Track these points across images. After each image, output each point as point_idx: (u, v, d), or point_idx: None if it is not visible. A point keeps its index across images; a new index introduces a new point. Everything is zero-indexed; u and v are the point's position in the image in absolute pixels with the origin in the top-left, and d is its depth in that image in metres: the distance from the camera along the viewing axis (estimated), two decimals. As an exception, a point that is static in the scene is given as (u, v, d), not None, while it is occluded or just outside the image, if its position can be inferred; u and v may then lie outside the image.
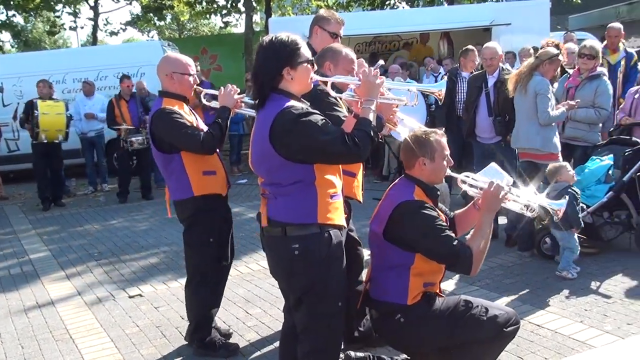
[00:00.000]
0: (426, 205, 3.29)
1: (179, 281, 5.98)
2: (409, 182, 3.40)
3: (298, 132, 2.93)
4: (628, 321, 4.47)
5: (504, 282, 5.42)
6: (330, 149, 2.94)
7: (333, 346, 3.22)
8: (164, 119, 4.03)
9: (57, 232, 8.56)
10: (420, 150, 3.35)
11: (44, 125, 9.72)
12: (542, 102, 5.64)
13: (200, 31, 41.17)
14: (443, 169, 3.40)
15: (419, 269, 3.28)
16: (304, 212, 3.04)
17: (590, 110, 6.13)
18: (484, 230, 3.31)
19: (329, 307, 3.13)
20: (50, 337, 4.86)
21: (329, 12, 4.38)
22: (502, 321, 3.28)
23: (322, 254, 3.04)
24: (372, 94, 3.13)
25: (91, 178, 11.66)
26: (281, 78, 3.05)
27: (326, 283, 3.08)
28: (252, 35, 17.60)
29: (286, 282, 3.22)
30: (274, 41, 3.06)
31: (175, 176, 4.11)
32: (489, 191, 3.35)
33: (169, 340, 4.65)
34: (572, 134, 6.25)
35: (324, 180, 3.06)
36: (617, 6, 23.23)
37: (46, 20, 28.77)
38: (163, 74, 4.19)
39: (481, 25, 12.33)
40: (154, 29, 33.72)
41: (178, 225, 4.51)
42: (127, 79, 10.66)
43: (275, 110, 2.98)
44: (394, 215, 3.28)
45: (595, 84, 6.16)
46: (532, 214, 3.57)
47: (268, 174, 3.10)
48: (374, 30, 13.19)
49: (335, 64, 3.76)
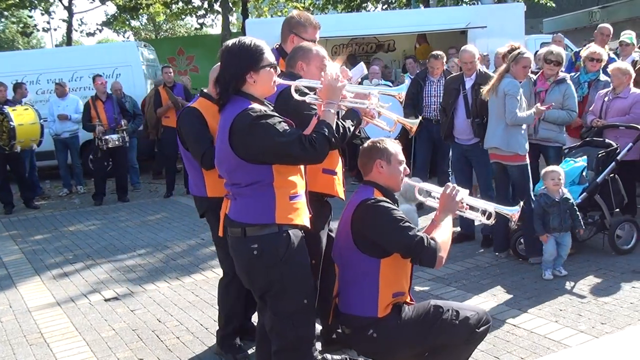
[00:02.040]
0: (385, 200, 3.31)
1: (155, 284, 5.94)
2: (367, 187, 3.41)
3: (255, 134, 2.97)
4: (602, 320, 4.53)
5: (480, 283, 5.47)
6: (286, 150, 2.99)
7: (300, 344, 3.22)
8: (188, 119, 4.09)
9: (30, 234, 8.43)
10: (377, 153, 3.39)
11: (20, 136, 9.55)
12: (510, 103, 5.71)
13: (177, 32, 40.94)
14: (400, 173, 3.42)
15: (386, 277, 3.26)
16: (261, 212, 3.08)
17: (562, 112, 6.22)
18: (443, 227, 3.32)
19: (291, 305, 3.15)
20: (24, 341, 4.79)
21: (305, 16, 4.15)
22: (474, 322, 3.30)
23: (280, 254, 3.08)
24: (333, 97, 3.19)
25: (65, 180, 11.52)
26: (244, 81, 3.10)
27: (286, 282, 3.11)
28: (229, 36, 17.53)
29: (248, 281, 3.26)
30: (238, 45, 3.11)
31: (193, 173, 4.18)
32: (445, 194, 3.45)
33: (146, 344, 4.61)
34: (545, 135, 6.32)
35: (283, 181, 3.10)
36: (590, 10, 23.58)
37: (18, 21, 28.34)
38: (211, 79, 4.20)
39: (457, 28, 12.43)
40: (129, 29, 33.39)
41: (154, 228, 4.49)
42: (99, 77, 10.54)
43: (235, 112, 3.03)
44: (355, 214, 3.28)
45: (563, 88, 6.29)
46: (490, 221, 3.61)
47: (228, 175, 3.16)
48: (350, 32, 13.22)
49: (308, 63, 3.75)
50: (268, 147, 2.98)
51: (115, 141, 10.08)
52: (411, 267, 3.44)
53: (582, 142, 6.47)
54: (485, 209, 3.58)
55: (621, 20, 20.48)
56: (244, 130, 2.99)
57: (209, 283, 5.80)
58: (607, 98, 6.63)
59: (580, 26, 23.12)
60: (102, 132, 10.02)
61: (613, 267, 5.67)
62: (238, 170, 3.07)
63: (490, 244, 6.37)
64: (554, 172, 5.55)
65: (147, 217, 9.08)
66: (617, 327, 4.42)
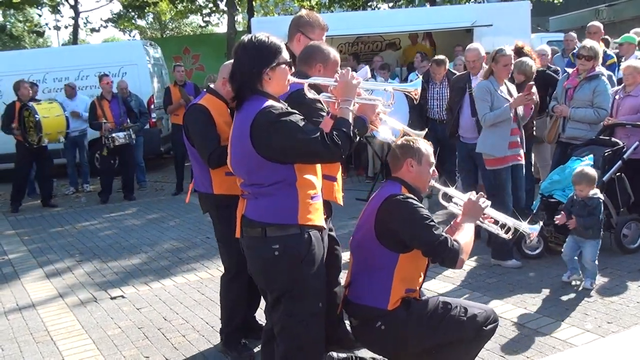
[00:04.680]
0: (413, 197, 3.32)
1: (161, 282, 5.95)
2: (395, 183, 3.43)
3: (278, 132, 2.94)
4: (608, 320, 4.52)
5: (486, 282, 5.46)
6: (310, 148, 2.95)
7: (311, 347, 3.20)
8: (195, 116, 4.09)
9: (37, 232, 8.47)
10: (409, 152, 3.41)
11: (47, 129, 9.60)
12: (479, 107, 5.73)
13: (183, 31, 40.97)
14: (428, 175, 3.45)
15: (402, 272, 3.28)
16: (285, 212, 3.04)
17: (589, 110, 6.18)
18: (466, 230, 3.35)
19: (309, 307, 3.13)
20: (30, 339, 4.81)
21: (313, 17, 4.14)
22: (482, 320, 3.31)
23: (302, 255, 3.05)
24: (349, 95, 3.15)
25: (72, 178, 11.56)
26: (260, 79, 3.06)
27: (306, 284, 3.09)
28: (234, 35, 17.56)
29: (265, 282, 3.23)
30: (255, 42, 3.07)
31: (200, 170, 4.17)
32: (470, 200, 3.47)
33: (152, 342, 4.62)
34: (572, 134, 6.30)
35: (305, 181, 3.07)
36: (597, 8, 23.49)
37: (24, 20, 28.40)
38: (221, 76, 4.21)
39: (463, 26, 12.39)
40: (135, 28, 33.43)
41: (160, 226, 4.49)
42: (106, 76, 10.60)
43: (255, 110, 2.99)
44: (382, 207, 3.29)
45: (593, 84, 6.20)
46: (507, 236, 3.62)
47: (248, 175, 3.10)
48: (356, 30, 13.20)
49: (325, 66, 3.74)
50: (292, 145, 2.95)
51: (122, 139, 10.09)
52: (426, 266, 3.46)
53: (588, 141, 6.44)
54: (505, 222, 3.61)
55: (628, 18, 20.42)
56: (266, 129, 2.94)
57: (214, 281, 5.80)
58: (618, 96, 6.59)
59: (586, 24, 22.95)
60: (109, 130, 10.04)
61: (619, 266, 5.65)
62: (261, 169, 3.02)
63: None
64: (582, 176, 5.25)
65: (153, 216, 9.10)
66: (624, 327, 4.40)
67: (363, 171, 11.11)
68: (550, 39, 13.14)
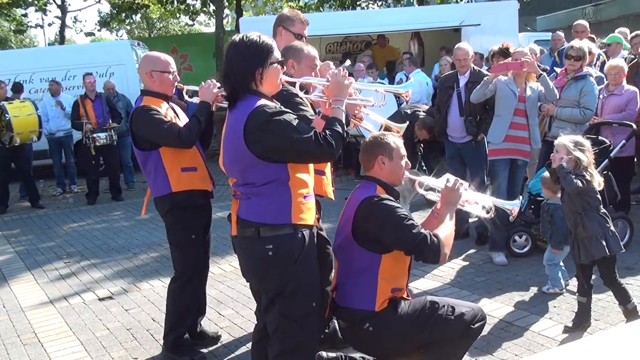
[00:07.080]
0: (389, 197, 3.32)
1: (149, 283, 5.93)
2: (370, 183, 3.42)
3: (272, 131, 2.93)
4: (595, 317, 4.54)
5: (475, 281, 5.48)
6: (303, 147, 2.95)
7: (305, 347, 3.19)
8: (142, 116, 4.02)
9: (24, 233, 8.41)
10: (379, 149, 3.39)
11: (18, 128, 9.51)
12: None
13: (170, 30, 40.81)
14: (401, 168, 3.43)
15: (386, 272, 3.28)
16: (277, 212, 3.03)
17: (576, 109, 6.20)
18: (446, 223, 3.34)
19: (303, 307, 3.12)
20: (18, 341, 4.78)
21: (293, 12, 4.30)
22: (469, 318, 3.32)
23: (295, 255, 3.04)
24: (341, 95, 3.16)
25: (59, 179, 11.48)
26: (252, 78, 3.05)
27: (300, 284, 3.08)
28: (222, 34, 17.49)
29: (259, 283, 3.21)
30: (247, 41, 3.06)
31: (154, 173, 4.10)
32: (447, 187, 3.44)
33: (140, 343, 4.60)
34: (558, 133, 6.32)
35: (298, 180, 3.07)
36: (583, 7, 23.62)
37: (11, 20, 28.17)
38: (143, 72, 4.17)
39: (451, 25, 12.43)
40: (123, 27, 33.30)
41: (148, 227, 4.47)
42: (89, 75, 10.51)
43: (248, 109, 2.98)
44: (358, 211, 3.29)
45: (580, 84, 6.23)
46: (489, 215, 3.62)
47: (241, 174, 3.09)
48: (344, 30, 13.22)
49: (298, 62, 3.77)
50: (286, 144, 2.94)
51: (103, 140, 10.01)
52: (409, 263, 3.45)
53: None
54: (484, 203, 3.59)
55: (613, 17, 20.54)
56: (260, 127, 2.93)
57: (203, 282, 5.78)
58: (602, 95, 6.64)
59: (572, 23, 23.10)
60: (90, 131, 9.96)
61: (607, 263, 5.68)
62: (254, 169, 3.01)
63: (485, 241, 6.37)
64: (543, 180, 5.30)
65: (141, 217, 9.03)
66: (611, 324, 4.43)
67: (352, 171, 11.13)
68: (538, 38, 13.18)
